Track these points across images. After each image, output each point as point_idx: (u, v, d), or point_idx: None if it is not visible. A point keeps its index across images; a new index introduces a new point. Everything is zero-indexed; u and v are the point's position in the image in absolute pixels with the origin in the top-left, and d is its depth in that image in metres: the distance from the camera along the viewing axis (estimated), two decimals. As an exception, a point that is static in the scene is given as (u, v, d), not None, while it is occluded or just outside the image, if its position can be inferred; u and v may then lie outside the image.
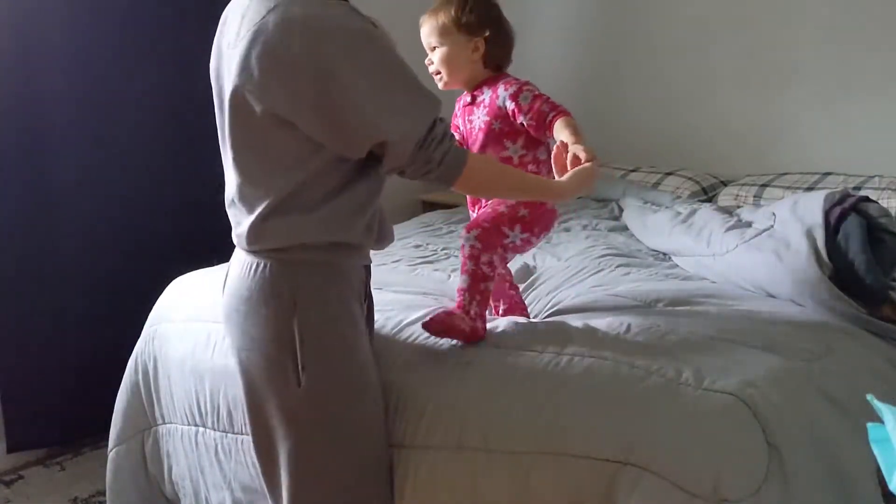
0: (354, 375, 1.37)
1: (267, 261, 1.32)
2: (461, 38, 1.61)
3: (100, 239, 2.54)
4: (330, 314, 1.34)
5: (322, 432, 1.35)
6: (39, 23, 2.34)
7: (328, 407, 1.34)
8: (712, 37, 3.13)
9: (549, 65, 3.66)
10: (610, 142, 3.48)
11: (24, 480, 2.42)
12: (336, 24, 1.22)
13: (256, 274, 1.33)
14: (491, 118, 1.63)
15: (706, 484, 1.23)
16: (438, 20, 1.61)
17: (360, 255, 1.41)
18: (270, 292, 1.31)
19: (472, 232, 1.59)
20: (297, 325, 1.30)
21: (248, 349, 1.35)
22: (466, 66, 1.64)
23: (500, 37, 1.66)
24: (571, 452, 1.33)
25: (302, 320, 1.30)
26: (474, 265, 1.57)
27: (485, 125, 1.64)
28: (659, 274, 2.12)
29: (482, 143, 1.65)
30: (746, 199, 2.74)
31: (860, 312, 1.73)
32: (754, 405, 1.34)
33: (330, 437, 1.35)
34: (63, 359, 2.51)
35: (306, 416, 1.33)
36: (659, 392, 1.38)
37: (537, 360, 1.49)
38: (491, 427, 1.40)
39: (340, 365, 1.35)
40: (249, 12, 1.25)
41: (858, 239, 1.84)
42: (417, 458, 1.44)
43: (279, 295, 1.31)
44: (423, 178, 1.34)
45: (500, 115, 1.62)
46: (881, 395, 1.05)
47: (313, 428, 1.35)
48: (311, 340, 1.31)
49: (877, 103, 2.76)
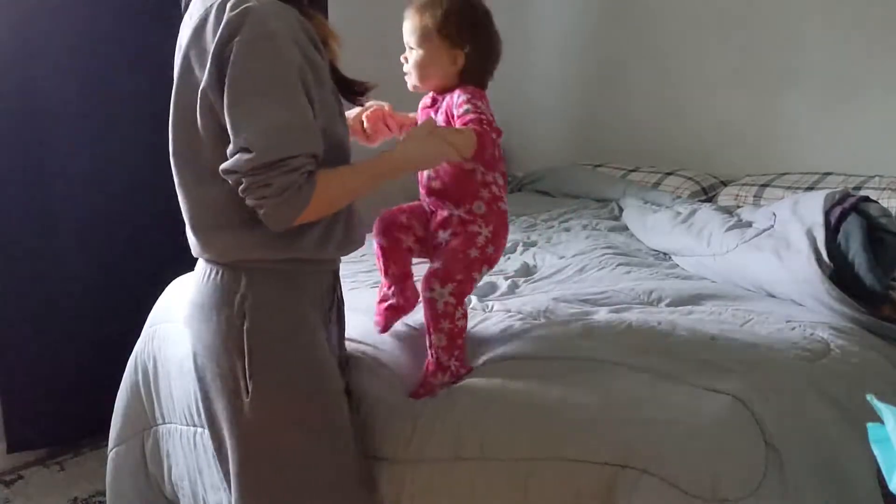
0: (308, 385, 1.34)
1: (219, 268, 1.32)
2: (441, 47, 1.48)
3: (99, 239, 2.54)
4: (281, 323, 1.32)
5: (269, 443, 1.33)
6: (39, 23, 2.34)
7: (276, 417, 1.32)
8: (712, 37, 3.13)
9: (550, 65, 3.67)
10: (610, 142, 3.49)
11: (24, 480, 2.42)
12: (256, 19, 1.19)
13: (209, 280, 1.33)
14: (444, 125, 1.52)
15: (705, 484, 1.23)
16: (421, 22, 1.48)
17: (316, 264, 1.37)
18: (221, 299, 1.31)
19: (447, 287, 1.46)
20: (247, 334, 1.28)
21: (201, 355, 1.35)
22: (440, 75, 1.52)
23: (484, 53, 1.52)
24: (569, 457, 1.32)
25: (251, 329, 1.29)
26: (451, 323, 1.47)
27: None
28: (659, 273, 2.13)
29: None
30: (746, 199, 2.74)
31: (860, 312, 1.73)
32: (752, 405, 1.34)
33: (278, 448, 1.33)
34: (63, 359, 2.51)
35: (254, 425, 1.31)
36: (656, 393, 1.37)
37: (532, 364, 1.49)
38: (487, 435, 1.38)
39: (292, 374, 1.32)
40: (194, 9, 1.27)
41: (859, 239, 1.84)
42: (412, 471, 1.42)
43: (230, 303, 1.30)
44: (256, 203, 1.21)
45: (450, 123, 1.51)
46: (881, 395, 1.05)
47: (260, 438, 1.32)
48: (259, 350, 1.29)
49: (877, 103, 2.76)
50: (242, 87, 1.18)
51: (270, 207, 1.20)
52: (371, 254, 2.35)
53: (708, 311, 1.79)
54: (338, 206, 1.34)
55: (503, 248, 1.59)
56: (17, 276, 2.41)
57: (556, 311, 1.75)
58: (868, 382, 1.51)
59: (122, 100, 2.51)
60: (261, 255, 1.30)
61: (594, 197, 3.09)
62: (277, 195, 1.19)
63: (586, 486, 1.29)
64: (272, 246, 1.29)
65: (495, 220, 1.54)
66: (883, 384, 1.57)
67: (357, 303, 1.82)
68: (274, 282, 1.31)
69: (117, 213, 2.57)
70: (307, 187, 1.22)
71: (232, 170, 1.20)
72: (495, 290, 1.95)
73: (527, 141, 3.79)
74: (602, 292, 1.90)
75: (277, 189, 1.19)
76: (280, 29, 1.20)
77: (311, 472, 1.36)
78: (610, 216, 2.86)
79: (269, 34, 1.19)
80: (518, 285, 2.00)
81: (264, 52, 1.19)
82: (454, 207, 1.54)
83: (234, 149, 1.19)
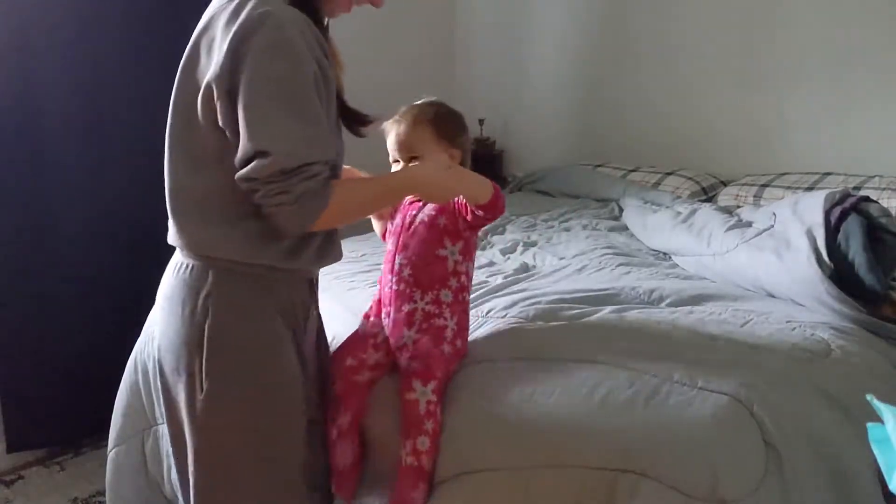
0: (263, 390, 1.32)
1: (191, 262, 1.32)
2: (437, 149, 1.49)
3: (99, 238, 2.54)
4: (244, 326, 1.30)
5: (221, 442, 1.32)
6: (39, 23, 2.34)
7: (228, 418, 1.31)
8: (712, 37, 3.13)
9: (550, 65, 3.67)
10: (610, 142, 3.49)
11: (24, 480, 2.42)
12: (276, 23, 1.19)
13: (179, 274, 1.33)
14: (437, 212, 1.49)
15: (704, 485, 1.23)
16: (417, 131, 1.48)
17: (288, 272, 1.35)
18: (188, 294, 1.30)
19: (429, 385, 1.42)
20: (207, 332, 1.28)
21: (164, 348, 1.35)
22: None
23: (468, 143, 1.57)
24: (569, 463, 1.31)
25: (213, 328, 1.28)
26: (434, 422, 1.40)
27: (429, 219, 1.50)
28: (659, 273, 2.12)
29: (422, 237, 1.50)
30: (746, 199, 2.74)
31: (860, 312, 1.73)
32: (752, 405, 1.34)
33: (229, 448, 1.32)
34: (63, 359, 2.52)
35: (207, 423, 1.31)
36: (654, 394, 1.37)
37: (529, 366, 1.48)
38: (485, 446, 1.37)
39: (248, 378, 1.31)
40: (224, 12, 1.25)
41: (859, 239, 1.84)
42: None
43: (195, 298, 1.29)
44: (274, 209, 1.21)
45: (448, 209, 1.49)
46: (881, 395, 1.05)
47: (213, 436, 1.32)
48: (218, 349, 1.28)
49: (877, 103, 2.76)
50: (259, 90, 1.18)
51: (287, 213, 1.21)
52: (370, 253, 2.36)
53: (708, 311, 1.79)
54: (351, 217, 1.34)
55: (467, 341, 1.55)
56: (16, 277, 2.41)
57: (555, 311, 1.74)
58: (868, 382, 1.51)
59: (122, 100, 2.51)
60: (232, 254, 1.29)
61: (594, 197, 3.09)
62: (295, 202, 1.20)
63: (586, 491, 1.29)
64: (245, 248, 1.28)
65: (460, 311, 1.52)
66: (883, 384, 1.57)
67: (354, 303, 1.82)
68: (242, 283, 1.30)
69: (117, 212, 2.57)
70: (323, 196, 1.23)
71: (250, 177, 1.19)
72: (495, 290, 1.94)
73: (527, 141, 3.79)
74: (602, 292, 1.90)
75: (295, 196, 1.19)
76: (298, 37, 1.20)
77: (258, 476, 1.34)
78: (610, 216, 2.86)
79: (287, 40, 1.19)
80: (517, 285, 2.00)
81: (283, 57, 1.18)
82: (421, 296, 1.49)
83: (248, 153, 1.18)
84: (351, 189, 1.33)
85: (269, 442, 1.34)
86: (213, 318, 1.28)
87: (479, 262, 2.25)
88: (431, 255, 1.49)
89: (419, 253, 1.50)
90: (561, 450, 1.33)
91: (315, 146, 1.21)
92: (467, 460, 1.38)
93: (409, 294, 1.49)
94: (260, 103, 1.18)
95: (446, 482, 1.39)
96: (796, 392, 1.43)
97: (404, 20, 3.44)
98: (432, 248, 1.49)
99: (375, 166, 1.58)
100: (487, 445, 1.38)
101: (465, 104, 3.82)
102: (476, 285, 1.96)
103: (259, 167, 1.18)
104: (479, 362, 1.52)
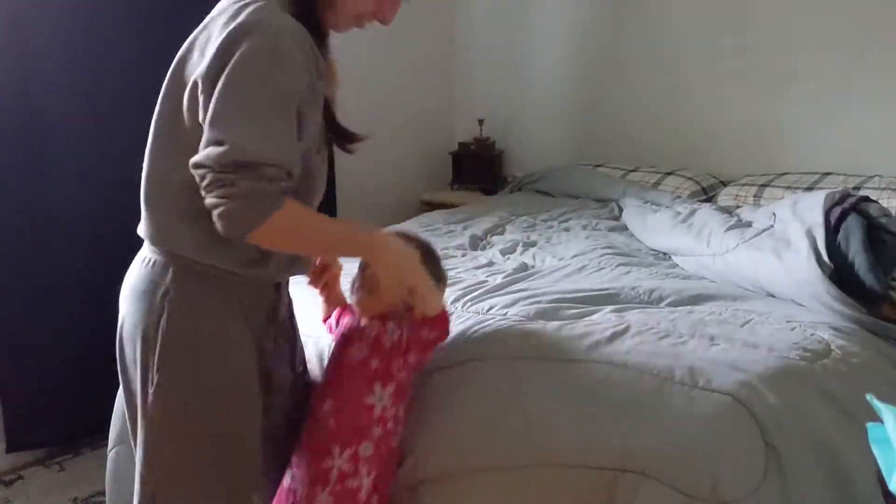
0: (213, 393, 1.29)
1: (154, 256, 1.31)
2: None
3: (99, 239, 2.53)
4: (198, 326, 1.28)
5: (168, 438, 1.30)
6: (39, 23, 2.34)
7: (175, 415, 1.29)
8: (712, 37, 3.13)
9: (550, 65, 3.67)
10: (610, 142, 3.49)
11: (24, 480, 2.42)
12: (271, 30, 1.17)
13: (143, 267, 1.32)
14: (370, 354, 1.40)
15: (704, 485, 1.23)
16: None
17: (248, 277, 1.30)
18: (147, 288, 1.30)
19: None
20: (161, 328, 1.27)
21: (125, 338, 1.35)
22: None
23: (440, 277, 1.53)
24: (568, 463, 1.31)
25: (167, 325, 1.27)
26: None
27: (358, 363, 1.41)
28: (659, 273, 2.12)
29: (351, 384, 1.40)
30: (746, 199, 2.74)
31: (860, 312, 1.73)
32: (751, 405, 1.34)
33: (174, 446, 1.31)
34: (63, 359, 2.51)
35: (156, 418, 1.30)
36: (654, 394, 1.37)
37: (529, 365, 1.48)
38: (485, 445, 1.37)
39: (198, 378, 1.28)
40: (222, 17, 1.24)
41: (858, 238, 1.84)
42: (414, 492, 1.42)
43: (153, 293, 1.29)
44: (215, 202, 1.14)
45: (383, 349, 1.40)
46: (881, 395, 1.05)
47: (161, 430, 1.30)
48: (171, 347, 1.27)
49: (877, 103, 2.76)
50: (236, 87, 1.15)
51: (228, 210, 1.13)
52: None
53: (708, 310, 1.79)
54: (293, 244, 1.26)
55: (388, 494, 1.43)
56: (16, 276, 2.41)
57: (555, 311, 1.74)
58: (868, 382, 1.51)
59: (122, 100, 2.51)
60: (193, 253, 1.27)
61: (594, 197, 3.09)
62: (238, 199, 1.12)
63: (586, 491, 1.29)
64: (206, 249, 1.25)
65: (379, 465, 1.39)
66: (883, 384, 1.57)
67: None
68: (200, 283, 1.28)
69: (117, 212, 2.55)
70: (272, 202, 1.15)
71: (201, 163, 1.14)
72: (494, 290, 1.94)
73: (527, 141, 3.79)
74: (602, 291, 1.90)
75: (241, 192, 1.12)
76: (291, 47, 1.18)
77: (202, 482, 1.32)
78: (610, 216, 2.86)
79: (278, 48, 1.17)
80: (517, 284, 2.00)
81: (270, 63, 1.16)
82: (339, 453, 1.37)
83: (207, 141, 1.14)
84: (305, 213, 1.24)
85: (216, 446, 1.31)
86: (168, 315, 1.27)
87: (479, 262, 2.25)
88: (359, 403, 1.38)
89: (346, 405, 1.39)
90: (561, 449, 1.33)
91: (274, 147, 1.15)
92: (467, 459, 1.38)
93: (325, 452, 1.38)
94: (231, 97, 1.15)
95: (446, 482, 1.39)
96: (796, 392, 1.43)
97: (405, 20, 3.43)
98: (361, 396, 1.38)
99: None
100: (487, 444, 1.38)
101: (465, 104, 3.86)
102: (476, 285, 1.96)
103: (212, 153, 1.13)
104: (479, 361, 1.52)
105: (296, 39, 1.20)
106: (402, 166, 3.73)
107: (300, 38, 1.21)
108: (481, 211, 2.96)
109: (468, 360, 1.53)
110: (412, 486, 1.44)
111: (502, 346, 1.56)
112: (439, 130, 3.92)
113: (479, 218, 2.83)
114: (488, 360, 1.52)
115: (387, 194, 3.57)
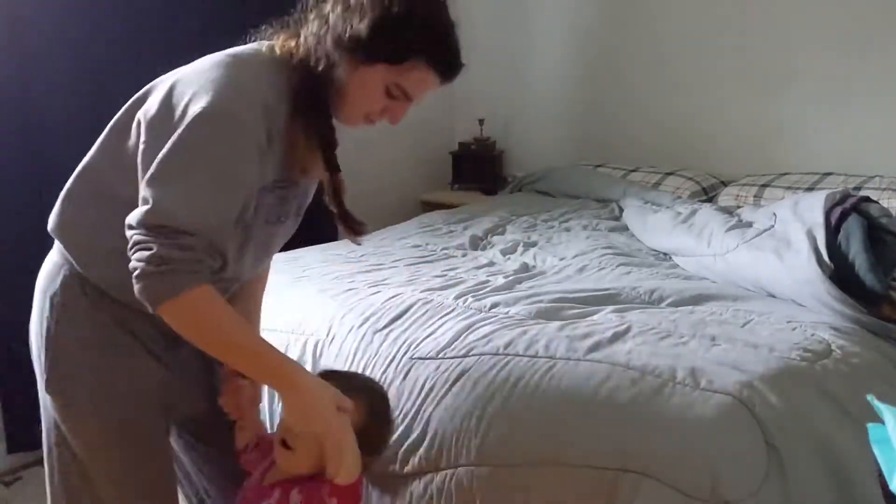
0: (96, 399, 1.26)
1: (53, 256, 1.30)
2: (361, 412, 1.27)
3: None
4: (83, 333, 1.25)
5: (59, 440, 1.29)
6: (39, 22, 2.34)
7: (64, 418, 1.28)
8: (712, 37, 3.13)
9: (550, 65, 3.67)
10: (610, 142, 3.49)
11: (23, 481, 2.42)
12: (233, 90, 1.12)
13: (45, 264, 1.32)
14: None
15: (705, 486, 1.23)
16: None
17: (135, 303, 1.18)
18: (46, 285, 1.29)
19: None
20: (48, 331, 1.26)
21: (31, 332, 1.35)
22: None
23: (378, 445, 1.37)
24: (570, 462, 1.31)
25: (55, 329, 1.26)
26: None
27: None
28: (659, 274, 2.12)
29: None
30: (747, 199, 2.74)
31: (860, 312, 1.73)
32: (752, 405, 1.34)
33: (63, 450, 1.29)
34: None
35: (50, 419, 1.30)
36: (655, 394, 1.37)
37: (528, 365, 1.48)
38: (485, 442, 1.37)
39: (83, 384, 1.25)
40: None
41: (859, 239, 1.84)
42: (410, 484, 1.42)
43: (47, 290, 1.28)
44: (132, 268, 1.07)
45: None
46: (882, 396, 1.05)
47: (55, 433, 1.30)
48: (57, 350, 1.26)
49: (877, 103, 2.76)
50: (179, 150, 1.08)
51: (142, 274, 1.06)
52: (370, 253, 2.36)
53: (709, 311, 1.79)
54: (199, 336, 1.13)
55: None
56: (17, 276, 2.40)
57: (556, 311, 1.75)
58: (869, 383, 1.51)
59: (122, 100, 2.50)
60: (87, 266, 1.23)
61: (594, 197, 3.09)
62: (152, 263, 1.05)
63: (587, 490, 1.29)
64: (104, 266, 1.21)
65: None
66: (883, 384, 1.57)
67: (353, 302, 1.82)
68: (89, 292, 1.24)
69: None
70: (187, 278, 1.07)
71: (129, 223, 1.08)
72: (495, 290, 1.94)
73: (527, 141, 3.79)
74: (603, 292, 1.90)
75: (155, 258, 1.05)
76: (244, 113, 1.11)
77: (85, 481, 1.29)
78: (610, 216, 2.86)
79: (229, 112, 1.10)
80: (518, 284, 2.00)
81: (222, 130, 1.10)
82: None
83: (140, 200, 1.09)
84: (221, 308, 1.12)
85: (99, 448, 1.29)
86: (55, 319, 1.25)
87: (479, 262, 2.25)
88: None
89: None
90: (562, 448, 1.33)
91: (205, 222, 1.08)
92: (465, 457, 1.38)
93: None
94: (173, 161, 1.09)
95: (446, 479, 1.39)
96: (797, 392, 1.43)
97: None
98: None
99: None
100: (488, 443, 1.38)
101: (465, 104, 3.86)
102: (476, 285, 1.96)
103: (138, 212, 1.08)
104: (480, 358, 1.52)
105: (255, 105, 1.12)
106: (402, 166, 3.73)
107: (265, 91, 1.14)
108: (481, 211, 2.96)
109: (469, 356, 1.53)
110: (406, 481, 1.44)
111: (503, 344, 1.56)
112: (439, 130, 3.92)
113: (480, 218, 2.83)
114: (489, 358, 1.52)
115: (387, 194, 3.57)
